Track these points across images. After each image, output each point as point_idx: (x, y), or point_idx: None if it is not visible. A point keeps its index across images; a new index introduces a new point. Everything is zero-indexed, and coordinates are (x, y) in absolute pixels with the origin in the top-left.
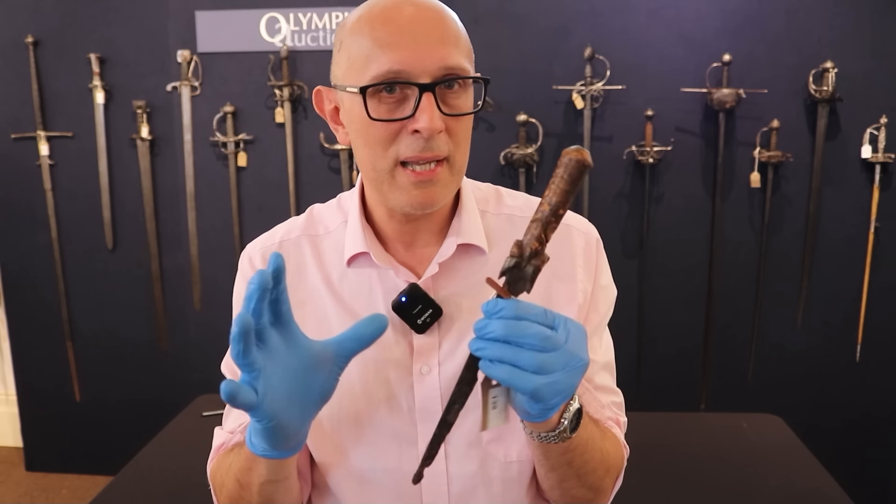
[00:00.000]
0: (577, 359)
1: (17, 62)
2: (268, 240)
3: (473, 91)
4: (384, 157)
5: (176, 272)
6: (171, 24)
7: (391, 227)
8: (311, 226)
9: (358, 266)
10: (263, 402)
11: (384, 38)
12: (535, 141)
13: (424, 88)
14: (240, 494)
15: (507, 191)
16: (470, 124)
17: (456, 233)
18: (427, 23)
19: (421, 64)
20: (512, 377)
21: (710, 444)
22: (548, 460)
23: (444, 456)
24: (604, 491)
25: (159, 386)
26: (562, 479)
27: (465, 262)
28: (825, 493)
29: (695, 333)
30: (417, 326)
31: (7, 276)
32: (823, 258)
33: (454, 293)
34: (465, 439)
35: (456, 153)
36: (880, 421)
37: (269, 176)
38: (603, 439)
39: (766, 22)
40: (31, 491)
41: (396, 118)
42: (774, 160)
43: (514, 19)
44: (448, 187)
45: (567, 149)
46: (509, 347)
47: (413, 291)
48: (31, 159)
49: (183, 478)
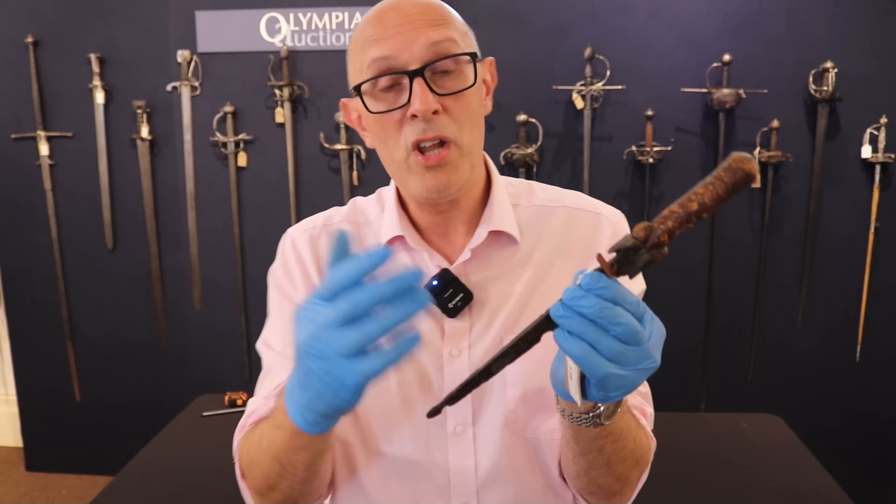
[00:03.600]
0: (651, 359)
1: (17, 62)
2: (310, 223)
3: (473, 67)
4: (396, 148)
5: (176, 272)
6: (171, 24)
7: (423, 217)
8: (353, 214)
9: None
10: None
11: (372, 36)
12: (535, 141)
13: (414, 74)
14: (280, 474)
15: (540, 185)
16: (472, 102)
17: (487, 221)
18: (411, 12)
19: (408, 50)
20: (586, 357)
21: (710, 444)
22: (578, 444)
23: (473, 435)
24: (630, 483)
25: (159, 386)
26: (590, 466)
27: (496, 250)
28: (825, 494)
29: (695, 333)
30: (449, 310)
31: (7, 276)
32: (823, 258)
33: (485, 279)
34: (491, 422)
35: (460, 134)
36: (880, 421)
37: (269, 176)
38: (638, 430)
39: (766, 22)
40: (31, 491)
41: (394, 108)
42: (774, 160)
43: (514, 19)
44: (460, 168)
45: (739, 154)
46: (594, 327)
47: (445, 276)
48: (31, 159)
49: (183, 478)
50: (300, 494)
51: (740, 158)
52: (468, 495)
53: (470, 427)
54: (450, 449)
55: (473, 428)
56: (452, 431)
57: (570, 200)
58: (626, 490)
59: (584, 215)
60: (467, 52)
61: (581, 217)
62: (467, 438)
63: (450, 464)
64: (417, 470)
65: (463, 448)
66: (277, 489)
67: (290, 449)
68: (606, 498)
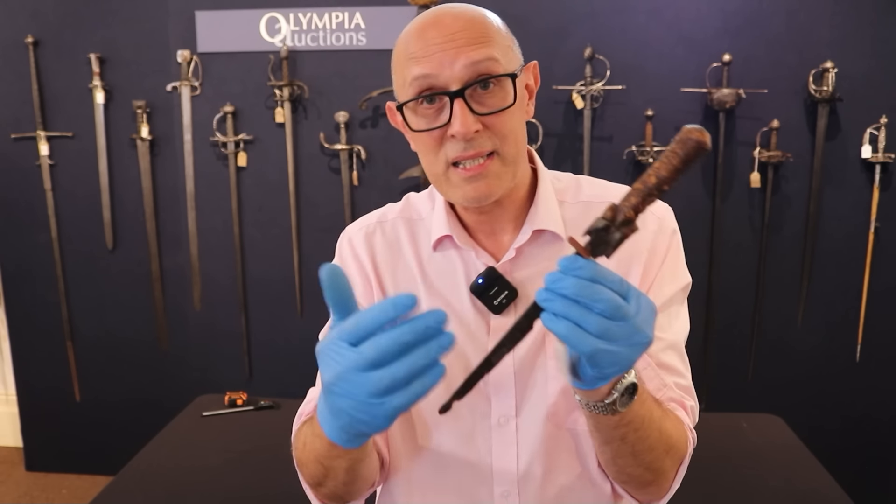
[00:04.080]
0: (641, 334)
1: (17, 62)
2: (366, 220)
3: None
4: (436, 162)
5: (176, 272)
6: (171, 24)
7: (469, 217)
8: (407, 210)
9: (443, 249)
10: None
11: (415, 54)
12: (535, 141)
13: (454, 95)
14: (324, 475)
15: (588, 179)
16: (514, 117)
17: (532, 220)
18: (454, 30)
19: (448, 70)
20: (572, 335)
21: (710, 444)
22: (599, 433)
23: (516, 427)
24: (664, 474)
25: (159, 386)
26: (616, 455)
27: (542, 248)
28: (825, 494)
29: (695, 333)
30: (494, 307)
31: (7, 276)
32: (823, 258)
33: (530, 276)
34: (533, 413)
35: (503, 146)
36: (880, 421)
37: (269, 176)
38: (663, 419)
39: (767, 22)
40: (31, 491)
41: (434, 127)
42: (774, 160)
43: (514, 19)
44: (502, 178)
45: (689, 126)
46: (577, 306)
47: (490, 274)
48: (31, 159)
49: (183, 478)
50: (345, 493)
51: (690, 129)
52: (509, 485)
53: (513, 419)
54: (493, 440)
55: (516, 420)
56: (496, 423)
57: (617, 195)
58: (661, 481)
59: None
60: (507, 74)
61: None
62: (510, 430)
63: (493, 455)
64: (461, 462)
65: (506, 439)
66: (324, 486)
67: (330, 457)
68: (641, 487)
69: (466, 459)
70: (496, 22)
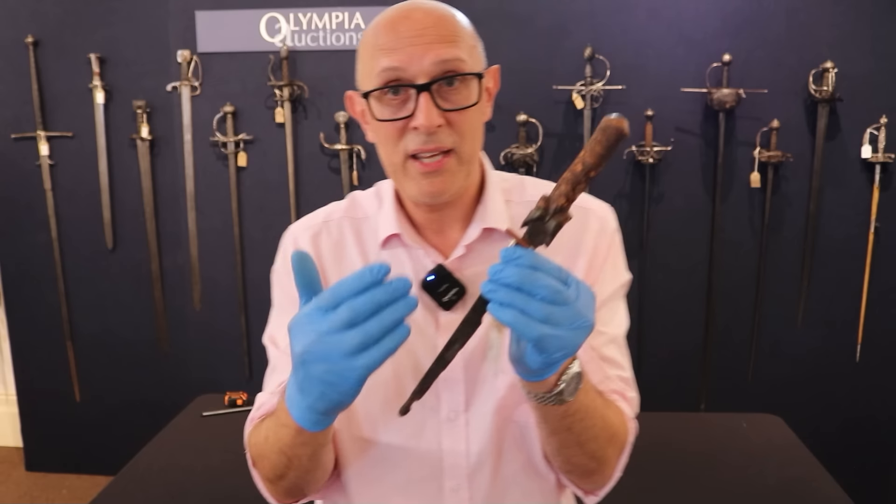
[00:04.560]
0: (583, 318)
1: (17, 62)
2: (311, 220)
3: (478, 84)
4: (395, 153)
5: (176, 272)
6: (171, 24)
7: (419, 214)
8: (352, 209)
9: (391, 247)
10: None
11: (384, 44)
12: (535, 141)
13: (421, 88)
14: (287, 465)
15: (533, 180)
16: (475, 116)
17: (481, 218)
18: (424, 25)
19: (417, 65)
20: (518, 322)
21: (710, 444)
22: (547, 423)
23: (465, 421)
24: (607, 462)
25: (159, 386)
26: (562, 445)
27: (490, 246)
28: (825, 494)
29: (695, 333)
30: (444, 304)
31: (7, 276)
32: (823, 258)
33: (479, 273)
34: (482, 408)
35: (462, 144)
36: (880, 421)
37: (269, 176)
38: (606, 409)
39: (767, 22)
40: (31, 491)
41: (398, 117)
42: (774, 160)
43: (514, 19)
44: (456, 176)
45: (609, 115)
46: (520, 294)
47: (440, 271)
48: (31, 159)
49: (183, 478)
50: (306, 482)
51: (609, 118)
52: (459, 479)
53: (462, 413)
54: (443, 435)
55: (465, 414)
56: (446, 418)
57: None
58: (604, 469)
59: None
60: (474, 73)
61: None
62: (459, 424)
63: (443, 449)
64: (411, 456)
65: (455, 433)
66: (285, 478)
67: (295, 445)
68: (585, 476)
69: (416, 454)
70: (464, 22)
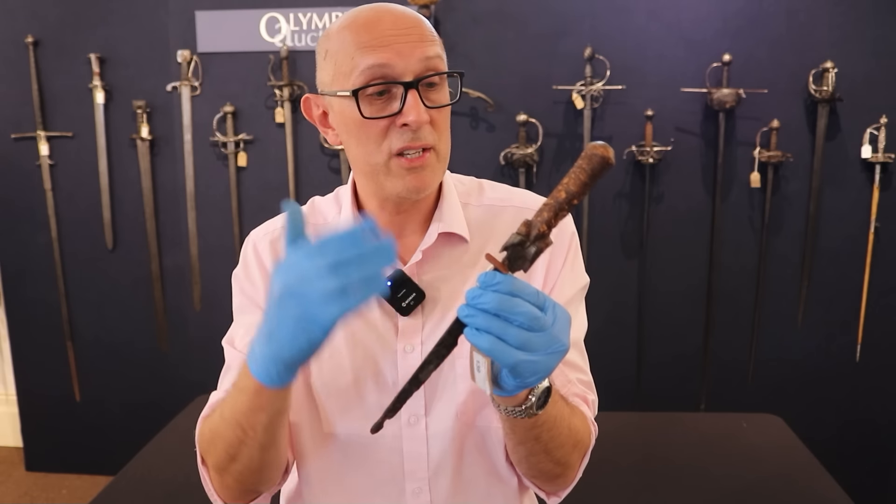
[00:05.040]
0: (559, 343)
1: (17, 62)
2: (270, 226)
3: (448, 85)
4: (378, 152)
5: (176, 272)
6: (171, 24)
7: (382, 217)
8: (312, 216)
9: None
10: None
11: (368, 43)
12: (535, 141)
13: (409, 86)
14: (241, 440)
15: (490, 183)
16: (448, 115)
17: (438, 222)
18: (405, 25)
19: (404, 63)
20: (495, 348)
21: (710, 444)
22: (515, 434)
23: (426, 426)
24: (571, 466)
25: (159, 386)
26: (530, 454)
27: (447, 250)
28: (825, 494)
29: (695, 333)
30: (402, 309)
31: (7, 276)
32: (823, 258)
33: (437, 278)
34: (443, 412)
35: (440, 142)
36: (880, 421)
37: (269, 176)
38: (571, 416)
39: (767, 22)
40: (31, 491)
41: (386, 115)
42: (774, 160)
43: (514, 19)
44: (436, 172)
45: (594, 143)
46: (498, 320)
47: (398, 277)
48: (31, 159)
49: (182, 478)
50: (259, 466)
51: (594, 146)
52: (420, 482)
53: (423, 418)
54: (404, 439)
55: (426, 419)
56: (406, 422)
57: (519, 200)
58: (568, 473)
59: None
60: (457, 72)
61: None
62: (420, 429)
63: (403, 453)
64: (372, 460)
65: (416, 438)
66: (238, 459)
67: (251, 410)
68: (549, 481)
69: (377, 458)
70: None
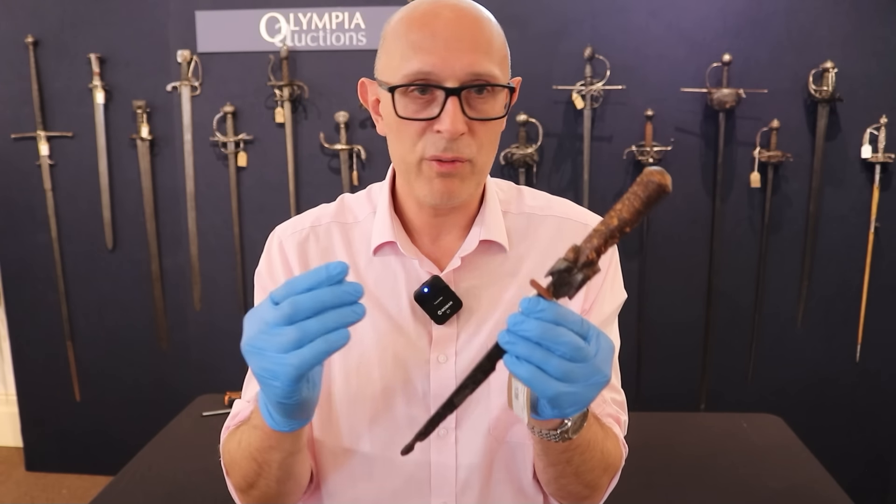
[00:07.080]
0: (601, 374)
1: (17, 62)
2: (298, 224)
3: (506, 97)
4: (412, 152)
5: (176, 272)
6: (171, 24)
7: (420, 218)
8: (342, 213)
9: (383, 255)
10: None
11: (418, 42)
12: (535, 141)
13: (450, 92)
14: (257, 473)
15: (529, 190)
16: (496, 128)
17: (480, 227)
18: (460, 29)
19: (449, 68)
20: (535, 379)
21: (710, 444)
22: (547, 456)
23: (455, 439)
24: (600, 489)
25: (159, 386)
26: (559, 475)
27: (486, 258)
28: (825, 493)
29: (695, 333)
30: (437, 317)
31: (7, 276)
32: (823, 258)
33: (474, 287)
34: (474, 427)
35: (478, 155)
36: (880, 421)
37: (269, 176)
38: (605, 440)
39: (767, 22)
40: (31, 491)
41: (422, 118)
42: (774, 160)
43: (515, 19)
44: (466, 182)
45: (651, 168)
46: (540, 349)
47: (435, 283)
48: (31, 159)
49: (183, 478)
50: (277, 493)
51: (651, 172)
52: (448, 497)
53: (453, 431)
54: (432, 452)
55: (456, 432)
56: (436, 435)
57: (559, 209)
58: (596, 495)
59: (572, 226)
60: (506, 85)
61: (569, 228)
62: (450, 442)
63: (431, 465)
64: (399, 472)
65: (445, 451)
66: (256, 487)
67: (264, 448)
68: (576, 501)
69: (404, 470)
70: (497, 29)
